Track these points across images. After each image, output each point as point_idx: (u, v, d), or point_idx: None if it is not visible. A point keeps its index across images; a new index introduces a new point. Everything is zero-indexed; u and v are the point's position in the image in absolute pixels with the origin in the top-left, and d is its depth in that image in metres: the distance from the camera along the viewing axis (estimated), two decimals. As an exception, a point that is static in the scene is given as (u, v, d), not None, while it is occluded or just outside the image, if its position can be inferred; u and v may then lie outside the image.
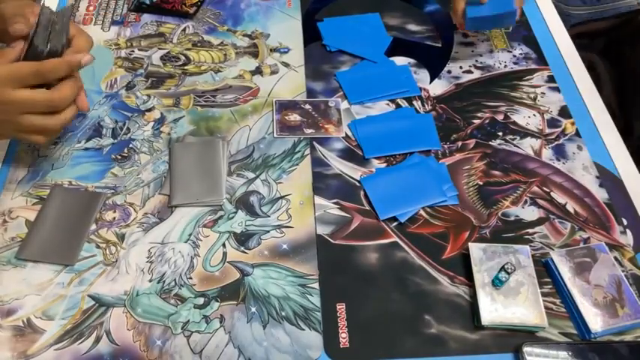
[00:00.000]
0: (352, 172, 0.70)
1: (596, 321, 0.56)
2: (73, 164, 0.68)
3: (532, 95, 0.80)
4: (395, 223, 0.65)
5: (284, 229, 0.64)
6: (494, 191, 0.69)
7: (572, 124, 0.76)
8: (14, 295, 0.57)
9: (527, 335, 0.57)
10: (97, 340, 0.55)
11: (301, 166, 0.70)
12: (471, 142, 0.74)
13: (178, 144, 0.70)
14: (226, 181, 0.68)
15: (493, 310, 0.57)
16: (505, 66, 0.84)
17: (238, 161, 0.70)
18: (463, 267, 0.62)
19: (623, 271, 0.60)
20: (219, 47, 0.83)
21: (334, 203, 0.67)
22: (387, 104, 0.77)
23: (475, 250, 0.61)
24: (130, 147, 0.70)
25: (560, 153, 0.73)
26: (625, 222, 0.67)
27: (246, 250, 0.62)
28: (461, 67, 0.83)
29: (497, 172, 0.71)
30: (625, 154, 0.73)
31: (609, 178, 0.71)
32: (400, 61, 0.83)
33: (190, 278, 0.60)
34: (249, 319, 0.57)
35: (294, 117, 0.75)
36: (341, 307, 0.59)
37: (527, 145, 0.74)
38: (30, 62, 0.56)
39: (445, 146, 0.73)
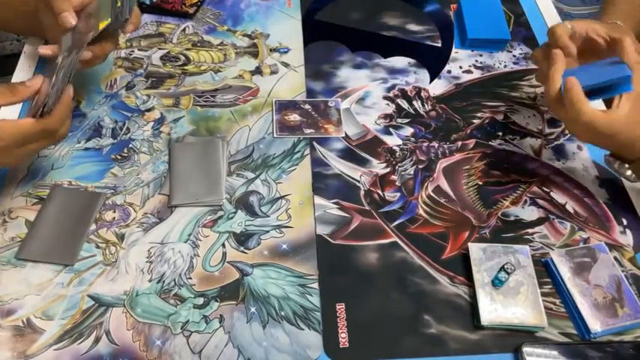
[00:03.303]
0: (352, 172, 0.70)
1: (595, 321, 0.56)
2: (73, 164, 0.68)
3: (532, 95, 0.80)
4: (395, 223, 0.65)
5: (284, 229, 0.64)
6: (494, 191, 0.69)
7: (572, 124, 0.76)
8: (14, 295, 0.57)
9: (527, 335, 0.57)
10: (97, 340, 0.55)
11: (301, 166, 0.70)
12: (471, 142, 0.74)
13: (178, 144, 0.70)
14: (226, 181, 0.68)
15: (493, 310, 0.57)
16: (505, 66, 0.84)
17: (238, 161, 0.70)
18: (463, 267, 0.62)
19: (623, 271, 0.60)
20: (219, 47, 0.83)
21: (334, 203, 0.67)
22: (387, 104, 0.77)
23: (475, 250, 0.61)
24: (129, 147, 0.70)
25: (560, 153, 0.73)
26: (625, 222, 0.67)
27: (245, 250, 0.62)
28: (461, 67, 0.83)
29: (497, 172, 0.71)
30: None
31: (609, 178, 0.71)
32: (400, 61, 0.83)
33: (190, 278, 0.59)
34: (248, 319, 0.57)
35: (294, 117, 0.75)
36: (341, 307, 0.59)
37: (527, 145, 0.74)
38: (36, 122, 0.55)
39: (445, 146, 0.73)
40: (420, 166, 0.71)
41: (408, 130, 0.75)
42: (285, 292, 0.59)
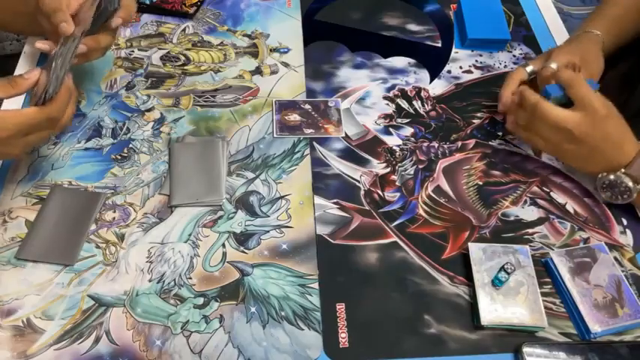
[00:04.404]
0: (352, 172, 0.70)
1: (595, 321, 0.56)
2: (73, 164, 0.68)
3: (532, 95, 0.80)
4: (395, 223, 0.65)
5: (284, 229, 0.64)
6: (494, 191, 0.69)
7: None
8: (14, 295, 0.57)
9: (527, 335, 0.57)
10: (97, 340, 0.55)
11: (301, 166, 0.70)
12: (471, 142, 0.74)
13: (178, 144, 0.70)
14: (226, 181, 0.68)
15: (493, 310, 0.57)
16: (505, 66, 0.84)
17: (238, 161, 0.70)
18: (463, 267, 0.62)
19: (622, 271, 0.60)
20: (219, 47, 0.83)
21: (334, 203, 0.67)
22: (387, 104, 0.77)
23: (475, 250, 0.61)
24: (129, 147, 0.70)
25: (560, 153, 0.73)
26: (625, 222, 0.67)
27: (245, 250, 0.62)
28: (461, 67, 0.83)
29: (497, 172, 0.71)
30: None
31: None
32: (400, 61, 0.83)
33: (190, 278, 0.60)
34: (248, 319, 0.57)
35: (294, 117, 0.75)
36: (341, 307, 0.59)
37: (527, 145, 0.74)
38: (39, 110, 0.55)
39: (445, 146, 0.73)
40: (420, 166, 0.71)
41: (408, 130, 0.75)
42: (285, 292, 0.59)
